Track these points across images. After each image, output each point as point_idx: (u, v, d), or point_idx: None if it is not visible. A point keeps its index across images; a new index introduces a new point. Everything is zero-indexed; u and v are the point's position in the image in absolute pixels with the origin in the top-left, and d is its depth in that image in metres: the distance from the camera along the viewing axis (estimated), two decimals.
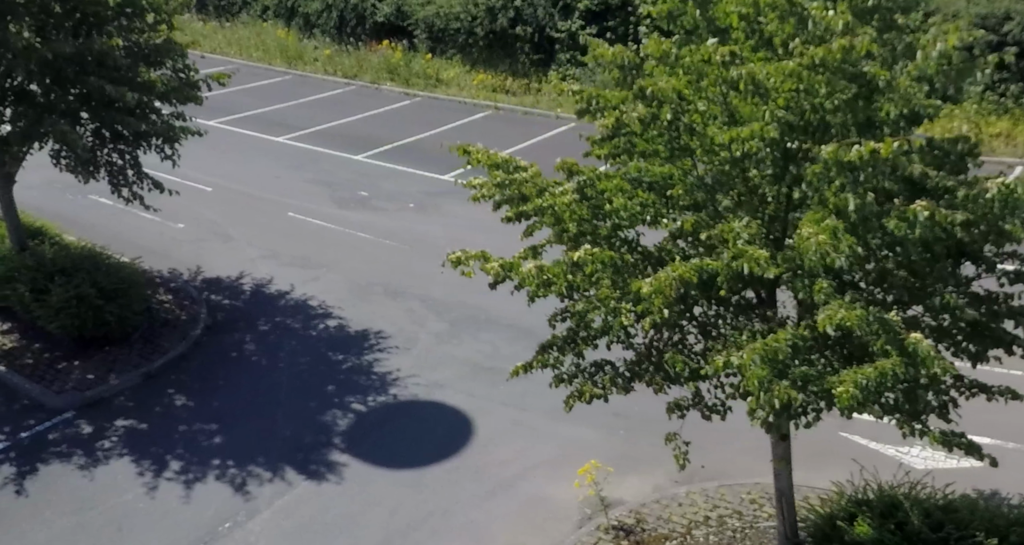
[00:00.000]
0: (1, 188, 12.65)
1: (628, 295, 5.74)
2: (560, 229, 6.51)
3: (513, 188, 6.68)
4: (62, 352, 12.20)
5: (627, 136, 6.17)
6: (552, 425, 10.50)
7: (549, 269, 6.01)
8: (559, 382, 7.07)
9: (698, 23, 6.01)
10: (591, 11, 22.50)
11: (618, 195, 6.15)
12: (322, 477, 9.79)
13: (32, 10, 10.68)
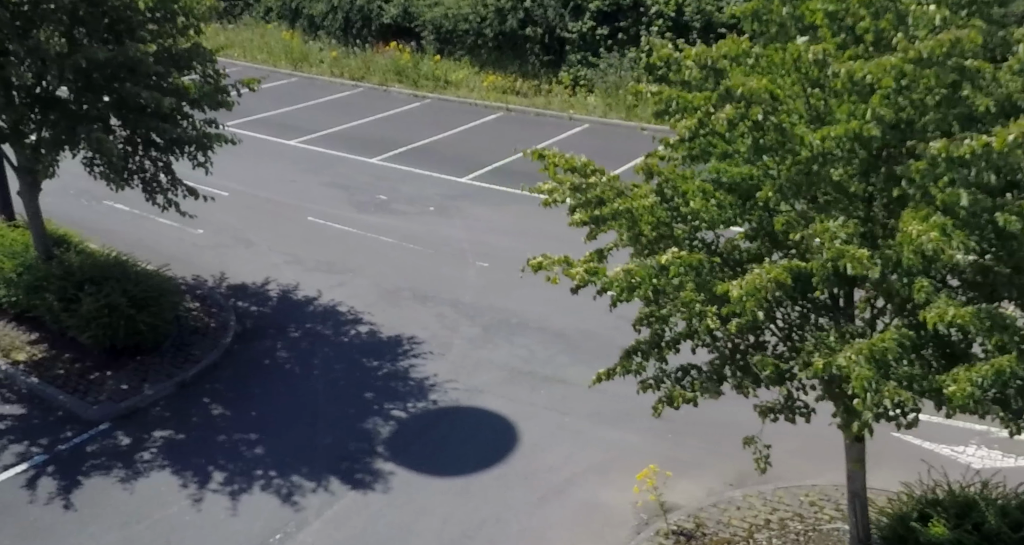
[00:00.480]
0: (27, 196, 12.49)
1: (712, 298, 5.66)
2: (635, 233, 6.41)
3: (590, 192, 6.57)
4: (93, 362, 12.05)
5: (708, 137, 6.07)
6: (596, 429, 10.43)
7: (637, 272, 5.90)
8: (646, 388, 6.97)
9: (785, 21, 5.92)
10: (602, 12, 22.41)
11: (697, 196, 6.06)
12: (368, 486, 9.67)
13: (61, 16, 10.53)
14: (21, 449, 10.48)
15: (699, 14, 20.84)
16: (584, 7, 22.62)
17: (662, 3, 21.42)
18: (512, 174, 19.28)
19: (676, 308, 5.92)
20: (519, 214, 17.15)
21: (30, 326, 12.83)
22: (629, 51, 22.12)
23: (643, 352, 6.80)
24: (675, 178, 6.17)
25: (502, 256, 15.21)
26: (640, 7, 21.84)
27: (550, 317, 13.05)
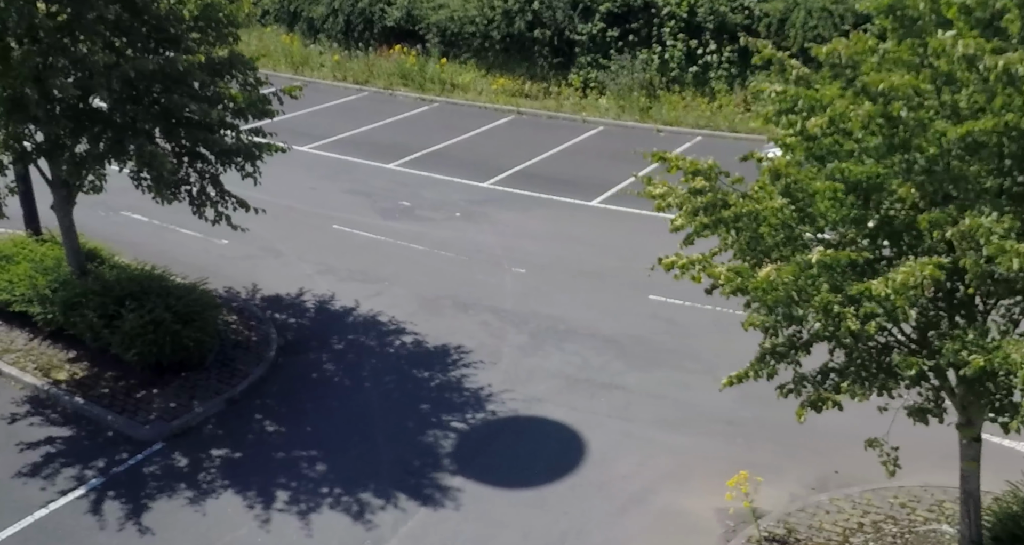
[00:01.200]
0: (61, 210, 12.19)
1: (848, 298, 5.61)
2: (752, 236, 6.33)
3: (711, 194, 6.49)
4: (137, 380, 11.79)
5: (836, 135, 6.00)
6: (664, 436, 10.36)
7: (784, 271, 5.78)
8: (786, 393, 6.91)
9: (924, 15, 5.86)
10: (612, 13, 22.35)
11: (826, 197, 5.99)
12: (439, 502, 9.53)
13: (105, 26, 10.29)
14: (75, 472, 10.23)
15: (712, 15, 20.85)
16: (594, 9, 22.55)
17: (674, 4, 21.40)
18: (534, 178, 19.20)
19: (813, 309, 5.84)
20: (548, 218, 17.08)
21: (67, 344, 12.55)
22: (641, 52, 22.09)
23: (779, 355, 6.72)
24: (803, 179, 6.10)
25: (538, 261, 15.11)
26: (651, 8, 21.81)
27: (597, 323, 12.97)
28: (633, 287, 13.91)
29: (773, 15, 20.04)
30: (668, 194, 6.78)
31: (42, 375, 11.94)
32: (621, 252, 15.26)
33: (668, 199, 6.79)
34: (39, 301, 12.44)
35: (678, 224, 6.83)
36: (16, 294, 12.63)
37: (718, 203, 6.48)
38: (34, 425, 11.08)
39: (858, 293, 5.48)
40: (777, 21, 20.04)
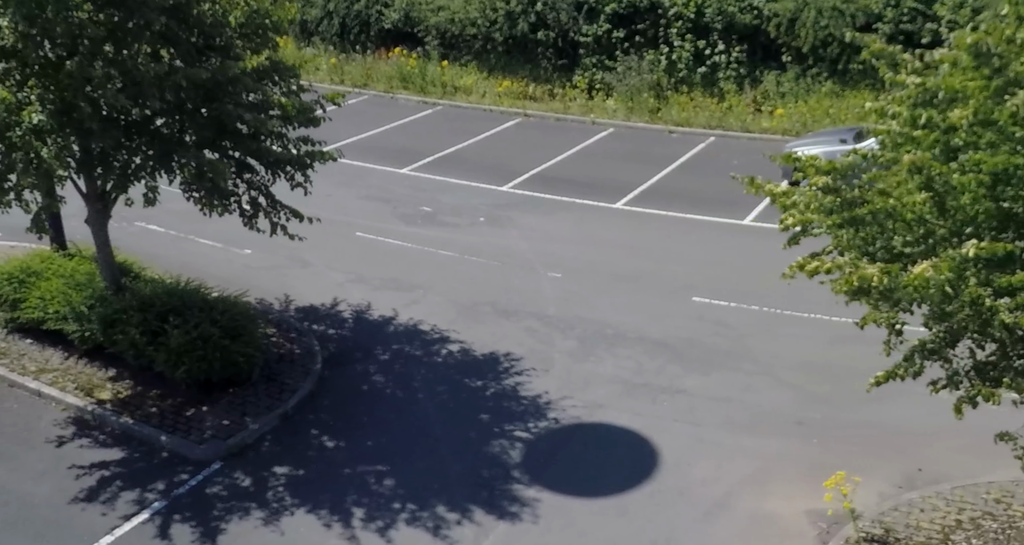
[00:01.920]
0: (96, 225, 11.85)
1: (1000, 290, 5.60)
2: (884, 233, 6.29)
3: (847, 192, 6.44)
4: (184, 398, 11.49)
5: (976, 128, 5.97)
6: (735, 438, 10.32)
7: (941, 267, 5.71)
8: (938, 389, 6.88)
9: None
10: (618, 14, 22.30)
11: (970, 190, 5.96)
12: (517, 514, 9.37)
13: (151, 35, 10.00)
14: (134, 496, 9.94)
15: (720, 15, 20.90)
16: (599, 10, 22.48)
17: (681, 5, 21.41)
18: (553, 181, 19.07)
19: (962, 303, 5.81)
20: (574, 222, 16.99)
21: (105, 362, 12.20)
22: (647, 54, 22.07)
23: (930, 351, 6.68)
24: (947, 172, 6.06)
25: (572, 265, 15.02)
26: (658, 9, 21.79)
27: (645, 326, 12.90)
28: (673, 289, 13.91)
29: (783, 15, 20.14)
30: (790, 193, 6.72)
31: (84, 395, 11.60)
32: (654, 254, 15.25)
33: (791, 198, 6.72)
34: (75, 318, 12.07)
35: (789, 223, 6.78)
36: (50, 311, 12.26)
37: (855, 200, 6.42)
38: (84, 448, 10.77)
39: (1008, 284, 5.46)
40: (787, 21, 20.14)
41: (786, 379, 11.20)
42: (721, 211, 16.45)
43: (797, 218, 6.75)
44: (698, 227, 16.06)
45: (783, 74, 20.58)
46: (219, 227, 12.87)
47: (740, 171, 18.28)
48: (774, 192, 6.85)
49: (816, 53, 19.89)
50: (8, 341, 12.70)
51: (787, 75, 20.50)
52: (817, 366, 11.39)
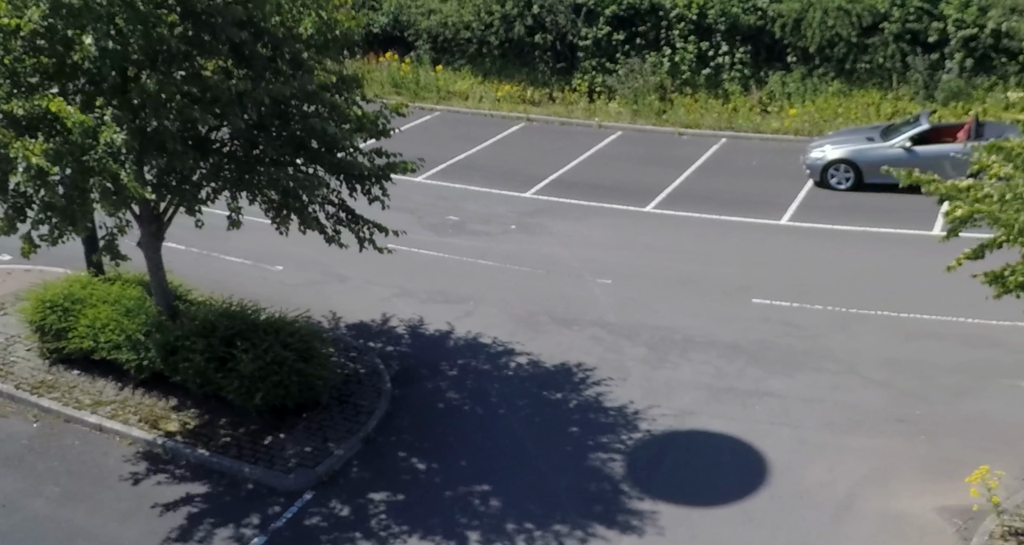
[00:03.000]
0: (149, 247, 11.32)
1: None
2: None
3: None
4: (258, 425, 11.03)
5: None
6: (839, 439, 10.30)
7: None
8: None
9: None
10: (618, 16, 22.30)
11: None
12: (639, 528, 9.20)
13: (227, 50, 9.57)
14: (230, 532, 9.49)
15: (723, 16, 21.07)
16: (598, 12, 22.44)
17: (683, 6, 21.53)
18: (575, 186, 18.89)
19: None
20: (608, 227, 16.88)
21: (163, 391, 11.64)
22: (649, 56, 22.13)
23: None
24: None
25: (620, 271, 14.90)
26: (659, 11, 21.83)
27: (711, 330, 12.86)
28: (730, 291, 13.89)
29: (788, 15, 20.39)
30: (977, 187, 6.75)
31: (150, 428, 11.04)
32: (699, 257, 15.22)
33: (981, 190, 6.75)
34: (131, 347, 11.48)
35: (958, 215, 6.81)
36: (101, 340, 11.63)
37: None
38: (162, 484, 10.25)
39: None
40: (793, 21, 20.41)
41: (873, 377, 11.28)
42: (755, 212, 16.55)
43: (967, 209, 6.77)
44: (736, 228, 16.13)
45: (788, 74, 20.82)
46: (243, 244, 12.42)
47: (760, 172, 18.85)
48: (959, 187, 6.87)
49: (823, 53, 20.18)
50: (53, 373, 12.05)
51: (792, 75, 20.76)
52: (900, 363, 11.50)
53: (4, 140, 8.58)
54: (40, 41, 9.17)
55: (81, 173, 9.12)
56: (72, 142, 8.93)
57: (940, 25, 18.84)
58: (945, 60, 19.04)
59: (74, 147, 8.95)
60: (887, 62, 19.54)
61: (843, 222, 15.76)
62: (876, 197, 16.54)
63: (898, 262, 14.30)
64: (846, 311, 12.86)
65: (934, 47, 19.13)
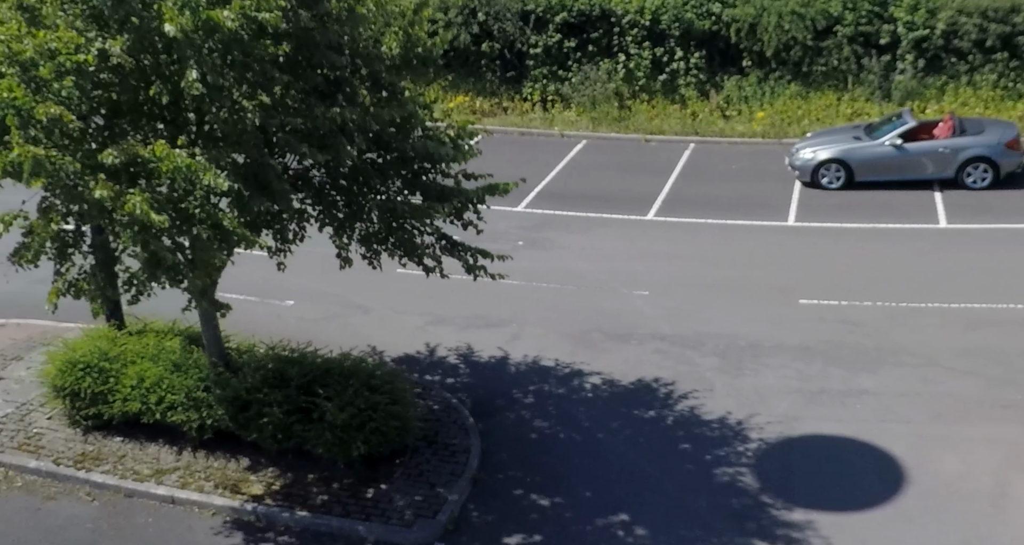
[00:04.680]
0: (202, 295, 10.22)
1: None
2: None
3: None
4: (351, 478, 10.19)
5: None
6: (956, 429, 10.63)
7: None
8: None
9: None
10: (568, 24, 22.37)
11: None
12: (805, 540, 9.13)
13: (319, 75, 8.83)
14: None
15: (677, 22, 21.57)
16: (548, 19, 22.41)
17: (634, 12, 21.87)
18: (566, 198, 18.66)
19: None
20: (617, 237, 16.81)
21: (227, 451, 10.58)
22: (603, 63, 22.34)
23: None
24: None
25: (651, 281, 14.86)
26: (611, 18, 22.04)
27: (772, 333, 12.98)
28: (772, 294, 14.09)
29: (743, 20, 21.15)
30: None
31: (232, 493, 9.97)
32: (723, 262, 15.37)
33: None
34: (190, 406, 10.36)
35: None
36: (151, 401, 10.43)
37: None
38: None
39: None
40: (748, 26, 21.18)
41: (957, 367, 11.73)
42: (757, 214, 16.97)
43: None
44: (746, 231, 16.47)
45: (744, 79, 21.59)
46: (242, 279, 11.58)
47: (743, 175, 19.41)
48: None
49: (779, 57, 21.04)
50: (92, 442, 10.73)
51: (749, 79, 21.49)
52: (975, 352, 12.01)
53: (112, 195, 7.58)
54: (106, 75, 8.19)
55: (183, 222, 8.20)
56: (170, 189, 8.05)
57: (891, 27, 20.13)
58: (897, 61, 20.39)
59: (171, 194, 8.07)
60: (842, 64, 20.60)
61: (848, 220, 16.39)
62: (869, 195, 17.34)
63: (921, 255, 14.99)
64: (896, 305, 13.39)
65: (887, 49, 20.36)
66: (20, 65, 7.74)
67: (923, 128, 17.26)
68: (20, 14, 8.12)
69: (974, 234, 15.49)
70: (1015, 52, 19.35)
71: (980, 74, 19.67)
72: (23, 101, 7.61)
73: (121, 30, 7.99)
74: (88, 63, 7.75)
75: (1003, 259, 14.45)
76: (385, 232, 9.68)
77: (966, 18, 19.12)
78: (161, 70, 8.31)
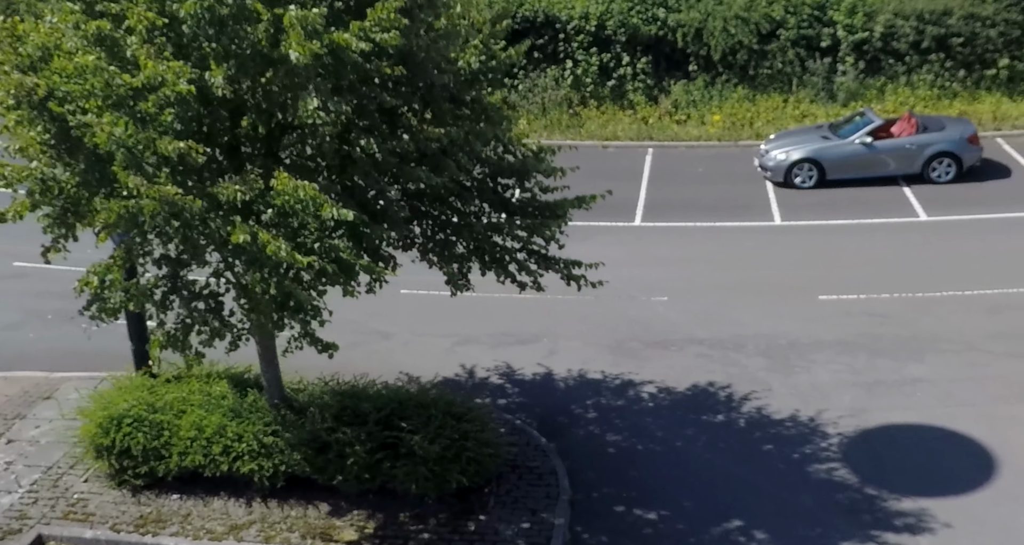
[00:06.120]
0: (264, 332, 9.45)
1: None
2: None
3: None
4: (446, 512, 9.74)
5: None
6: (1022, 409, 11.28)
7: None
8: None
9: None
10: (513, 30, 22.25)
11: None
12: (924, 527, 9.45)
13: (417, 94, 8.45)
14: None
15: (623, 27, 21.95)
16: None
17: (579, 18, 22.07)
18: None
19: None
20: (614, 244, 16.76)
21: (301, 497, 9.92)
22: (550, 69, 22.43)
23: None
24: None
25: (666, 287, 14.96)
26: (555, 24, 22.18)
27: (807, 330, 13.31)
28: (790, 292, 14.46)
29: (689, 25, 21.79)
30: None
31: (323, 542, 9.30)
32: (728, 264, 15.66)
33: None
34: (261, 453, 9.58)
35: None
36: (215, 452, 9.59)
37: None
38: None
39: None
40: (694, 30, 21.84)
41: (996, 350, 12.40)
42: (743, 215, 17.43)
43: None
44: (738, 233, 16.88)
45: (691, 83, 22.26)
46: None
47: (711, 178, 19.93)
48: None
49: (725, 60, 21.82)
50: (145, 503, 9.76)
51: (696, 83, 22.15)
52: (1009, 335, 12.70)
53: (249, 235, 7.08)
54: (197, 106, 7.57)
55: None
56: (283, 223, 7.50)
57: (831, 31, 21.28)
58: (838, 63, 21.53)
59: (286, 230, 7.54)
60: (786, 67, 21.57)
61: (833, 217, 17.06)
62: (843, 192, 18.13)
63: (915, 247, 15.80)
64: (914, 296, 14.06)
65: (828, 51, 21.46)
66: (120, 98, 7.10)
67: (888, 126, 18.33)
68: (96, 47, 7.39)
69: (955, 225, 16.55)
70: (949, 53, 20.90)
71: (917, 74, 21.10)
72: (140, 137, 6.95)
73: (223, 58, 7.43)
74: (191, 93, 7.19)
75: (993, 247, 15.49)
76: (484, 252, 9.36)
77: (903, 21, 20.54)
78: (260, 98, 7.78)
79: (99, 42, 7.44)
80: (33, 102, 7.27)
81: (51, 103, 7.35)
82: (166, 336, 7.95)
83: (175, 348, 8.06)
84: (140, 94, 7.12)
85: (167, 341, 7.94)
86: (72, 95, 7.35)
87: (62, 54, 7.53)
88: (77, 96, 7.34)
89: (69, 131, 7.49)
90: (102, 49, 7.44)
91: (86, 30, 7.38)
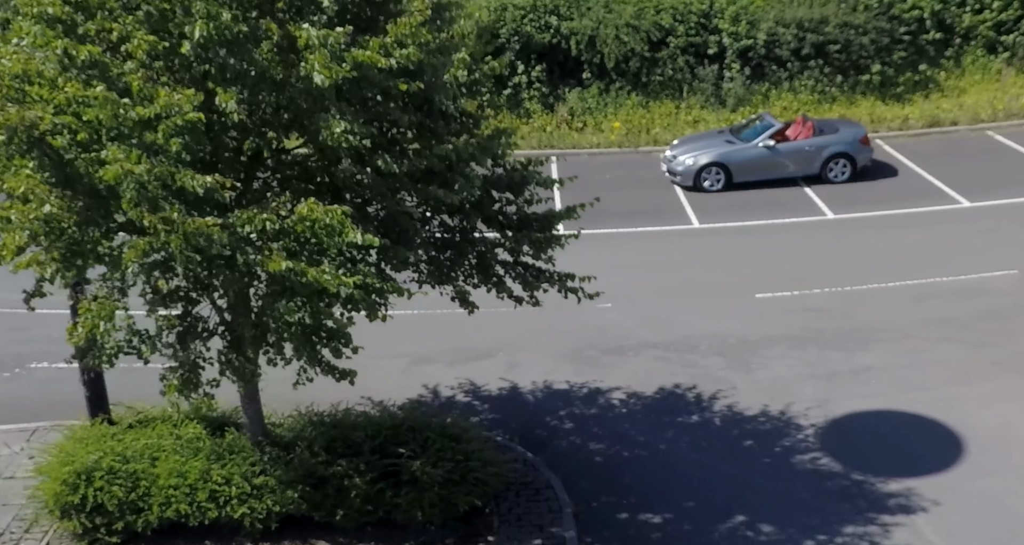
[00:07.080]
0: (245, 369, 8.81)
1: None
2: None
3: None
4: (452, 537, 9.51)
5: None
6: (977, 388, 12.03)
7: None
8: None
9: None
10: None
11: None
12: (919, 506, 10.00)
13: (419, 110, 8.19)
14: None
15: (516, 35, 22.01)
16: None
17: None
18: None
19: None
20: None
21: (295, 536, 9.38)
22: None
23: None
24: None
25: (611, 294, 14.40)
26: None
27: (754, 328, 13.82)
28: (727, 292, 14.98)
29: (582, 33, 22.13)
30: None
31: None
32: (659, 267, 16.09)
33: None
34: (252, 495, 8.94)
35: None
36: (201, 499, 8.86)
37: None
38: None
39: None
40: (587, 38, 22.21)
41: (931, 336, 13.27)
42: (661, 220, 17.93)
43: None
44: (660, 237, 17.31)
45: (585, 90, 22.65)
46: None
47: (621, 184, 20.35)
48: None
49: (618, 68, 22.34)
50: None
51: (590, 91, 22.58)
52: (938, 321, 13.60)
53: (300, 270, 6.73)
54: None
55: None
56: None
57: (717, 38, 22.26)
58: (725, 70, 22.56)
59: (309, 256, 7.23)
60: (677, 74, 22.37)
61: (747, 218, 17.77)
62: (750, 194, 18.93)
63: (830, 243, 16.68)
64: (844, 290, 14.83)
65: (715, 58, 22.44)
66: (128, 130, 6.54)
67: (783, 130, 19.37)
68: (80, 73, 6.77)
69: (860, 221, 17.64)
70: (827, 59, 22.30)
71: (799, 80, 22.40)
72: (156, 172, 6.34)
73: (232, 82, 6.98)
74: (200, 121, 6.70)
75: (899, 240, 16.60)
76: (486, 268, 9.19)
77: (783, 29, 21.79)
78: (272, 121, 7.32)
79: (88, 68, 6.79)
80: (32, 137, 6.53)
81: (50, 137, 6.63)
82: (181, 379, 7.28)
83: (189, 391, 7.39)
84: (148, 124, 6.58)
85: (182, 385, 7.27)
86: (69, 128, 6.67)
87: (44, 82, 6.82)
88: (74, 129, 6.68)
89: (64, 166, 6.80)
90: (89, 76, 6.81)
91: (76, 55, 6.70)
